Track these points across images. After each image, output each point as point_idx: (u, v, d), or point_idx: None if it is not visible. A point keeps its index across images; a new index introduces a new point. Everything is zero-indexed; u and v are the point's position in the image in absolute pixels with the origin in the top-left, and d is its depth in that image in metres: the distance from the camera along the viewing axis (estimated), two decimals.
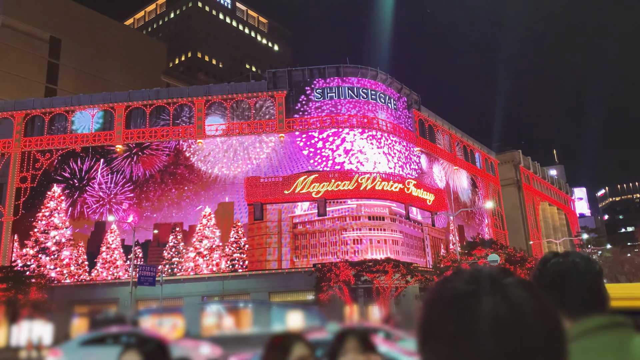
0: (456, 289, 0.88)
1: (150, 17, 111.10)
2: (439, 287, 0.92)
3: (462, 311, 0.85)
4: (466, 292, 0.87)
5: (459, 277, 0.91)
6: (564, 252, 2.13)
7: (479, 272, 0.91)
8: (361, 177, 43.56)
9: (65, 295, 39.65)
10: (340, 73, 47.53)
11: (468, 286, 0.88)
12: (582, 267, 1.99)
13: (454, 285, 0.90)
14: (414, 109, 52.75)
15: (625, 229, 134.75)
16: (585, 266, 2.00)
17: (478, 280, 0.89)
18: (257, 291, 40.28)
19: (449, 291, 0.89)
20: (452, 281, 0.91)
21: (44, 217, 43.63)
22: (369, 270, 36.88)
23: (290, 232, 43.18)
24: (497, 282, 0.88)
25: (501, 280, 0.88)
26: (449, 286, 0.90)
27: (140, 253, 42.73)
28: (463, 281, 0.89)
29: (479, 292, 0.86)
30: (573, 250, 2.30)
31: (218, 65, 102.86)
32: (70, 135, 46.77)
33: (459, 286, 0.88)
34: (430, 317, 0.89)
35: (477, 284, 0.88)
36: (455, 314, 0.85)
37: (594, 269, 2.00)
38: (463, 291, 0.87)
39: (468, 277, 0.90)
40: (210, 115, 46.47)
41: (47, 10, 64.80)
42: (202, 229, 43.19)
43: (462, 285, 0.88)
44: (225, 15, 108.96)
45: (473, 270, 0.92)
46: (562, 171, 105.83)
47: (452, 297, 0.88)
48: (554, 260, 2.05)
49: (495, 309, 0.84)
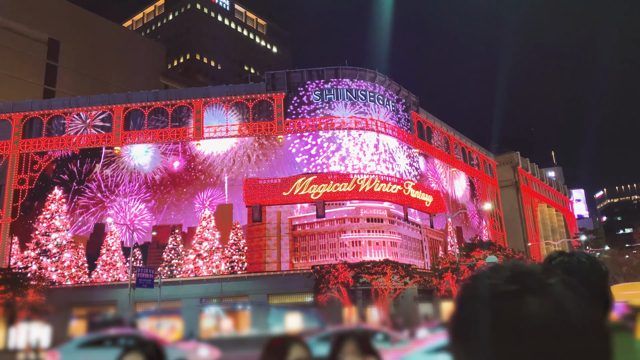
0: (496, 287, 0.83)
1: (149, 19, 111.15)
2: (475, 284, 0.87)
3: (506, 312, 0.80)
4: (509, 292, 0.82)
5: (497, 274, 0.86)
6: (570, 251, 2.11)
7: (520, 269, 0.86)
8: (360, 178, 43.58)
9: (63, 297, 39.56)
10: (339, 75, 47.58)
11: (510, 285, 0.83)
12: (588, 267, 1.97)
13: (492, 282, 0.84)
14: (413, 111, 52.80)
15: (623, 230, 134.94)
16: (591, 267, 1.98)
17: (520, 279, 0.84)
18: (256, 293, 40.24)
19: (488, 289, 0.84)
20: (489, 278, 0.86)
21: (45, 219, 43.64)
22: (368, 272, 36.85)
23: (289, 234, 43.17)
24: (542, 281, 0.83)
25: (545, 280, 0.84)
26: (487, 284, 0.85)
27: (139, 255, 42.68)
28: (502, 279, 0.84)
29: (523, 292, 0.81)
30: (580, 251, 2.26)
31: (217, 67, 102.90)
32: (69, 137, 46.74)
33: (499, 284, 0.83)
34: (467, 316, 0.85)
35: (521, 283, 0.83)
36: (497, 314, 0.80)
37: (599, 269, 1.98)
38: (505, 290, 0.82)
39: (508, 275, 0.85)
40: (209, 117, 46.47)
41: (45, 12, 64.79)
42: (202, 231, 43.18)
43: (503, 284, 0.83)
44: (224, 17, 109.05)
45: (512, 267, 0.87)
46: (561, 173, 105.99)
47: (493, 296, 0.83)
48: (560, 258, 2.03)
49: (542, 311, 0.79)
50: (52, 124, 47.31)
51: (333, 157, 45.36)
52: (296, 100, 46.77)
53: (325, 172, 44.28)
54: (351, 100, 47.23)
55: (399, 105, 51.09)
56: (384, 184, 44.26)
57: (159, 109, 47.00)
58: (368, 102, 47.78)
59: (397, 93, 51.04)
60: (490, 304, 0.82)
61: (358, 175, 43.85)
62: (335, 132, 46.07)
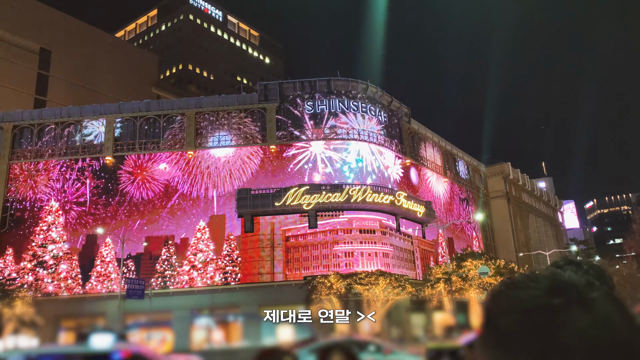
0: (539, 300, 0.81)
1: (142, 29, 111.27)
2: (515, 294, 0.84)
3: (553, 326, 0.78)
4: (554, 306, 0.80)
5: (537, 286, 0.83)
6: (578, 260, 2.08)
7: (561, 280, 0.84)
8: (352, 189, 43.65)
9: (52, 308, 39.09)
10: (331, 86, 47.82)
11: (554, 298, 0.81)
12: (596, 278, 1.94)
13: (533, 294, 0.82)
14: (404, 122, 53.10)
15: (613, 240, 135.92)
16: (599, 278, 1.94)
17: (564, 292, 0.82)
18: (248, 304, 39.97)
19: (531, 300, 0.81)
20: (528, 289, 0.83)
21: (41, 231, 43.34)
22: (360, 282, 36.81)
23: (282, 245, 43.07)
24: (586, 295, 0.82)
25: (590, 293, 0.82)
26: (527, 295, 0.82)
27: (132, 266, 42.42)
28: (544, 291, 0.82)
29: (569, 306, 0.79)
30: (585, 259, 2.24)
31: (209, 78, 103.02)
32: (60, 147, 46.45)
33: (542, 297, 0.81)
34: (510, 328, 0.81)
35: (565, 296, 0.81)
36: (544, 328, 0.78)
37: (608, 281, 1.97)
38: (549, 304, 0.80)
39: (550, 288, 0.82)
40: (201, 128, 46.43)
41: (37, 22, 64.65)
42: (197, 242, 42.99)
43: (546, 297, 0.81)
44: (217, 27, 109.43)
45: (553, 279, 0.85)
46: (551, 183, 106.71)
47: (537, 309, 0.80)
48: (568, 268, 1.99)
49: (591, 326, 0.77)
50: (42, 133, 47.04)
51: (325, 167, 45.44)
52: (288, 111, 46.89)
53: (318, 183, 44.31)
54: (343, 111, 47.44)
55: (390, 116, 51.37)
56: (376, 194, 44.35)
57: (151, 119, 46.92)
58: (360, 113, 48.01)
59: (389, 104, 51.34)
60: (536, 317, 0.79)
61: (350, 186, 43.93)
62: (328, 142, 46.20)
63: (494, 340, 0.84)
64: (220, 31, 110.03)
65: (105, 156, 45.78)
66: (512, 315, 0.82)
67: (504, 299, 0.85)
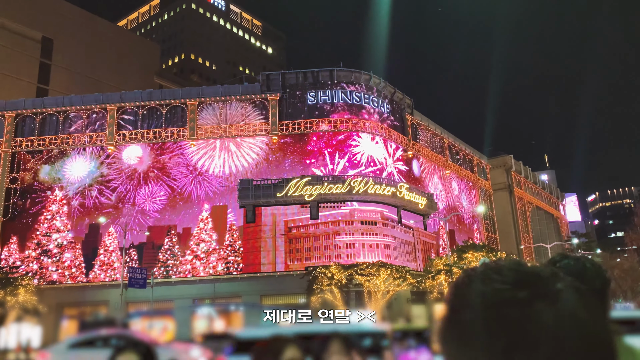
0: (503, 294, 0.76)
1: (144, 19, 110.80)
2: (478, 288, 0.79)
3: (517, 320, 0.74)
4: (518, 300, 0.75)
5: (501, 278, 0.78)
6: (574, 255, 2.11)
7: (525, 271, 0.79)
8: (353, 180, 43.63)
9: (55, 297, 39.36)
10: (334, 76, 47.63)
11: (519, 291, 0.76)
12: (592, 273, 1.97)
13: (497, 287, 0.77)
14: (407, 113, 52.94)
15: (615, 234, 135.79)
16: (595, 273, 1.98)
17: (529, 283, 0.77)
18: (249, 294, 40.16)
19: (492, 295, 0.76)
20: (491, 282, 0.78)
21: (46, 220, 43.54)
22: (361, 273, 36.92)
23: (284, 236, 43.19)
24: (551, 286, 0.77)
25: (554, 285, 0.77)
26: (490, 289, 0.77)
27: (135, 255, 42.66)
28: (508, 283, 0.77)
29: (533, 300, 0.74)
30: (584, 255, 2.30)
31: (211, 67, 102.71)
32: (62, 136, 46.47)
33: (505, 291, 0.76)
34: (471, 323, 0.77)
35: (530, 289, 0.76)
36: (507, 322, 0.74)
37: (603, 277, 1.99)
38: (514, 298, 0.75)
39: (514, 281, 0.77)
40: (203, 118, 46.37)
41: (39, 10, 64.41)
42: (200, 232, 43.16)
43: (510, 290, 0.76)
44: (219, 17, 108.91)
45: (516, 267, 0.80)
46: (553, 176, 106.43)
47: (501, 304, 0.75)
48: (564, 262, 2.02)
49: (555, 320, 0.73)
50: (45, 122, 47.05)
51: (327, 158, 45.38)
52: (291, 101, 46.77)
53: (320, 174, 44.30)
54: (345, 101, 47.30)
55: (393, 108, 51.21)
56: (377, 185, 44.32)
57: (153, 109, 46.86)
58: (362, 104, 47.87)
59: (392, 95, 51.15)
60: (499, 312, 0.75)
61: (352, 177, 43.91)
62: (330, 133, 46.11)
63: (455, 335, 0.79)
64: (223, 21, 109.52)
65: (108, 145, 45.79)
66: (474, 310, 0.77)
67: (467, 292, 0.80)
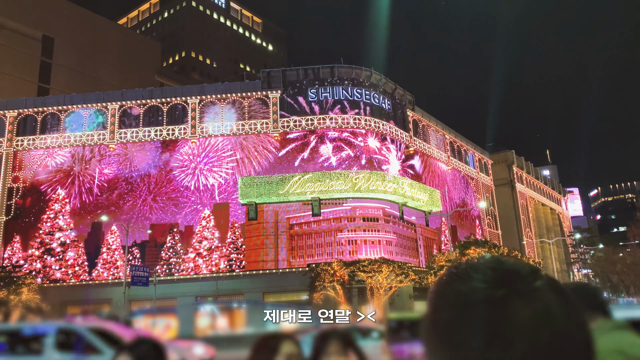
0: (482, 292, 0.76)
1: (144, 17, 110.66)
2: (457, 287, 0.79)
3: (494, 318, 0.74)
4: (496, 299, 0.75)
5: (479, 277, 0.78)
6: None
7: (504, 269, 0.79)
8: (355, 177, 43.61)
9: (58, 295, 39.44)
10: (335, 73, 47.55)
11: (497, 290, 0.76)
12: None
13: (474, 286, 0.77)
14: (408, 109, 52.86)
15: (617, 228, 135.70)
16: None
17: (507, 281, 0.77)
18: (251, 291, 40.21)
19: (473, 293, 0.76)
20: (470, 281, 0.78)
21: (49, 219, 43.63)
22: (363, 270, 36.94)
23: (286, 233, 43.22)
24: (529, 285, 0.77)
25: (532, 283, 0.77)
26: (469, 288, 0.77)
27: (137, 254, 42.74)
28: (486, 282, 0.77)
29: (510, 298, 0.74)
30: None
31: (212, 65, 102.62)
32: (63, 135, 46.51)
33: (483, 290, 0.76)
34: (450, 321, 0.77)
35: (508, 287, 0.76)
36: (484, 321, 0.74)
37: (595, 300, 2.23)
38: (492, 297, 0.75)
39: (492, 278, 0.77)
40: (204, 115, 46.36)
41: (40, 9, 64.37)
42: (202, 230, 43.23)
43: (489, 287, 0.76)
44: (220, 14, 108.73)
45: (494, 265, 0.80)
46: (555, 171, 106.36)
47: (478, 303, 0.75)
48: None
49: (531, 318, 0.73)
50: (46, 121, 47.08)
51: (328, 155, 45.36)
52: (292, 98, 46.71)
53: (321, 171, 44.28)
54: (347, 98, 47.23)
55: (394, 104, 51.12)
56: (379, 182, 44.30)
57: (154, 107, 46.85)
58: (363, 100, 47.79)
59: (393, 91, 51.06)
60: (476, 311, 0.75)
61: (354, 174, 43.88)
62: (330, 129, 46.07)
63: (435, 335, 0.79)
64: (223, 18, 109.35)
65: (109, 144, 45.82)
66: (452, 310, 0.77)
67: (447, 292, 0.80)
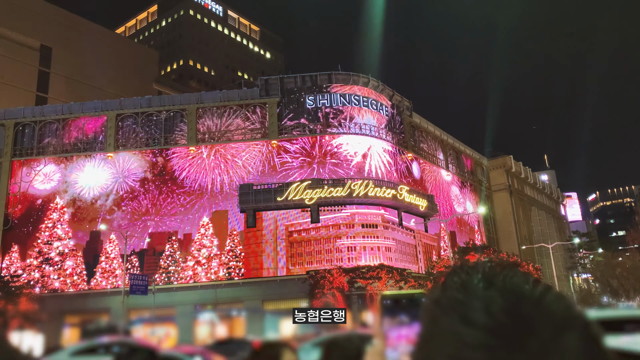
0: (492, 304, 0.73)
1: (142, 25, 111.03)
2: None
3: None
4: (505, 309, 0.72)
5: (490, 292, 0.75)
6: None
7: (512, 287, 0.75)
8: (354, 183, 43.63)
9: (56, 305, 39.23)
10: (332, 80, 47.69)
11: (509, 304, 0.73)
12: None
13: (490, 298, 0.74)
14: (406, 115, 52.97)
15: (616, 233, 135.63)
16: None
17: (515, 294, 0.74)
18: (251, 299, 40.09)
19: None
20: (477, 298, 0.74)
21: (47, 228, 43.46)
22: (363, 276, 36.86)
23: (285, 240, 43.13)
24: (533, 297, 0.74)
25: (536, 295, 0.75)
26: (448, 320, 0.75)
27: (136, 262, 42.57)
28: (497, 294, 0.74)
29: (519, 309, 0.72)
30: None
31: (210, 73, 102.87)
32: (62, 144, 46.49)
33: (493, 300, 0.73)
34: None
35: (517, 300, 0.73)
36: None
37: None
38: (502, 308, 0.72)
39: (503, 291, 0.74)
40: (202, 123, 46.40)
41: (37, 19, 64.58)
42: (201, 238, 43.09)
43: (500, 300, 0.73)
44: (217, 23, 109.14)
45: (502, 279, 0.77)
46: (554, 176, 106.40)
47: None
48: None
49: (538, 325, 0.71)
50: (44, 130, 47.07)
51: (327, 162, 45.38)
52: (290, 105, 46.79)
53: (320, 177, 44.28)
54: (344, 104, 47.32)
55: (392, 110, 51.24)
56: (377, 188, 44.32)
57: (153, 115, 46.89)
58: (361, 107, 47.90)
59: (390, 98, 51.20)
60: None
61: (352, 180, 43.90)
62: (329, 136, 46.13)
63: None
64: (221, 26, 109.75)
65: (108, 152, 45.80)
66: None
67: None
